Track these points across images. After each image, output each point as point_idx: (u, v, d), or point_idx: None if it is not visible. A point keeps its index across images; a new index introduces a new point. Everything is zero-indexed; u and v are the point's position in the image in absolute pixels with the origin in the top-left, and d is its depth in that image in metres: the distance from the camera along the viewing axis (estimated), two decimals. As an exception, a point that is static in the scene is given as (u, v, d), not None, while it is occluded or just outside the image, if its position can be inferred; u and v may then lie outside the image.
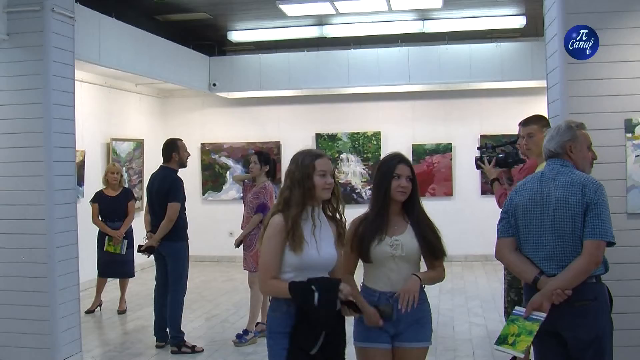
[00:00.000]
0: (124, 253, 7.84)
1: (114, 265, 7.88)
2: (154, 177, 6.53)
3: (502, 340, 3.28)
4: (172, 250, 6.33)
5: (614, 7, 4.63)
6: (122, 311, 7.98)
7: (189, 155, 6.65)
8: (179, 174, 6.46)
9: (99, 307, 8.04)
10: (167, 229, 6.23)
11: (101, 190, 8.03)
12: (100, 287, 8.03)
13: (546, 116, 4.96)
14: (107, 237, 7.78)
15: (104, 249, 7.78)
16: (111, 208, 7.87)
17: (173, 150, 6.44)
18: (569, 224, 3.25)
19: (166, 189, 6.27)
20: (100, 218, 7.84)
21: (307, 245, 3.09)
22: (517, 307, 3.38)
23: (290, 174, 3.19)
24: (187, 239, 6.46)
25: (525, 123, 4.73)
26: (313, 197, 3.14)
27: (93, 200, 7.91)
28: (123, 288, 8.10)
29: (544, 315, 3.22)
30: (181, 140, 6.59)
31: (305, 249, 3.08)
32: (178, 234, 6.33)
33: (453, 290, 8.80)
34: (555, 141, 3.47)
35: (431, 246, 3.35)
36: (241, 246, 6.66)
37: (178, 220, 6.28)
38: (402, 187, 3.31)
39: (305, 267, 3.10)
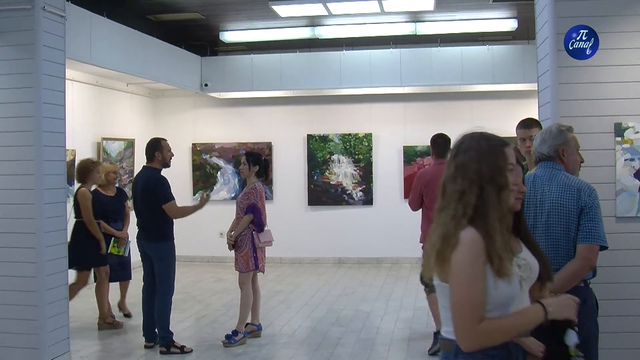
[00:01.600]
0: (127, 254, 7.54)
1: (118, 267, 7.50)
2: (137, 177, 6.50)
3: None
4: (158, 251, 6.30)
5: (605, 11, 4.66)
6: (127, 315, 7.71)
7: (173, 155, 6.54)
8: (167, 174, 6.43)
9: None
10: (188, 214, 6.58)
11: (96, 190, 7.44)
12: (123, 291, 7.69)
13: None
14: (112, 239, 7.35)
15: (108, 251, 7.29)
16: (112, 208, 7.45)
17: (156, 149, 6.38)
18: (563, 226, 3.27)
19: (151, 189, 6.22)
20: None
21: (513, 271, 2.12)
22: None
23: (470, 167, 2.13)
24: (173, 239, 6.43)
25: (527, 125, 4.62)
26: (505, 202, 2.14)
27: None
28: (124, 291, 7.80)
29: None
30: (165, 139, 6.52)
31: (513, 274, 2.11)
32: (164, 234, 6.31)
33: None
34: (547, 145, 3.47)
35: (547, 265, 2.48)
36: (232, 246, 6.66)
37: (163, 221, 6.26)
38: (522, 192, 2.41)
39: (511, 301, 2.15)
